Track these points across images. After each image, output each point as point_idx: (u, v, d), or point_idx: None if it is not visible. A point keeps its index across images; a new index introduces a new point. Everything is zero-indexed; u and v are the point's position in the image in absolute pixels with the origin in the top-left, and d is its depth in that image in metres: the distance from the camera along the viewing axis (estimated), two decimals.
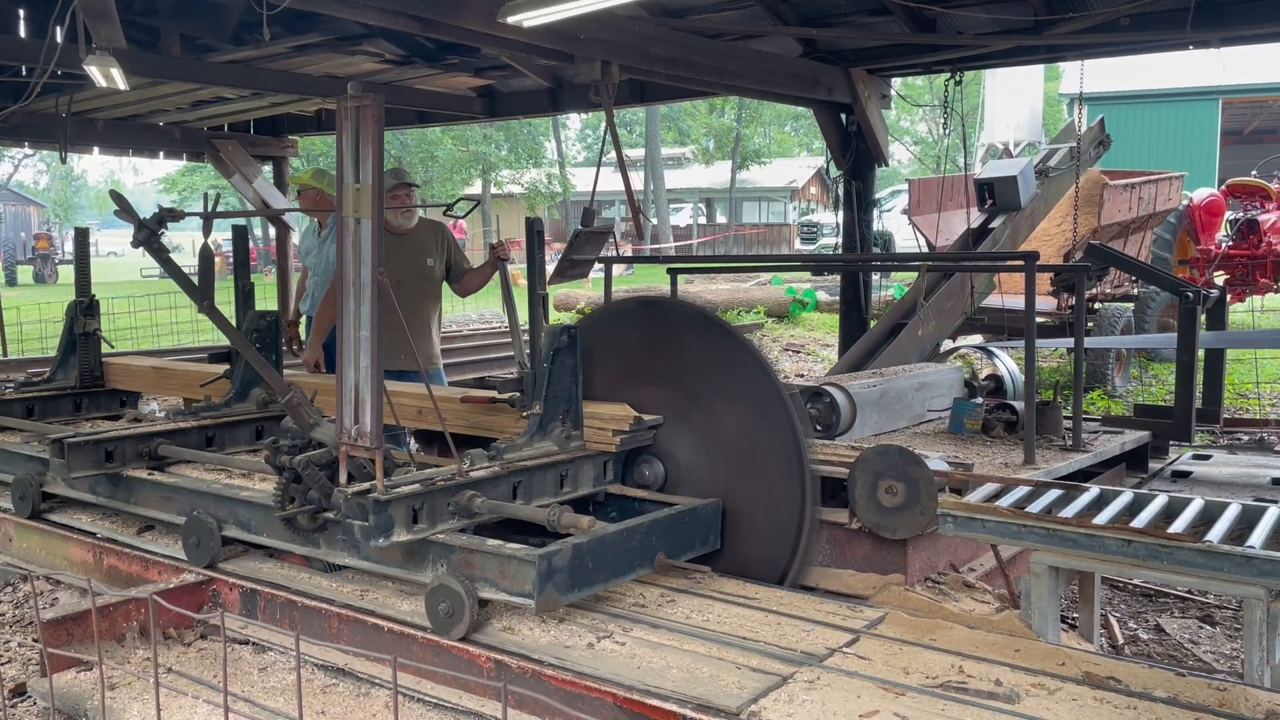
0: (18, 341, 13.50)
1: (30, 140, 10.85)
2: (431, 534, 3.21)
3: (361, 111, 3.11)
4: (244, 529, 3.78)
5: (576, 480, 3.79)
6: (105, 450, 4.17)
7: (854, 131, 8.46)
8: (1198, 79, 24.77)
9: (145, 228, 4.02)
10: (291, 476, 3.44)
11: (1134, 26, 6.50)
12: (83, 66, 5.79)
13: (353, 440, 3.18)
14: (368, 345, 3.18)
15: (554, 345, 3.75)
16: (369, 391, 3.16)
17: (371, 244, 3.13)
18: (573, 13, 4.98)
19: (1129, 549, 3.05)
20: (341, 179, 3.15)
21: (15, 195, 50.54)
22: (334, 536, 3.47)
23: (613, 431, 3.78)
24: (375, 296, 3.15)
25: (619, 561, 3.26)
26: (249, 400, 4.85)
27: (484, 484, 3.41)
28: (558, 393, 3.75)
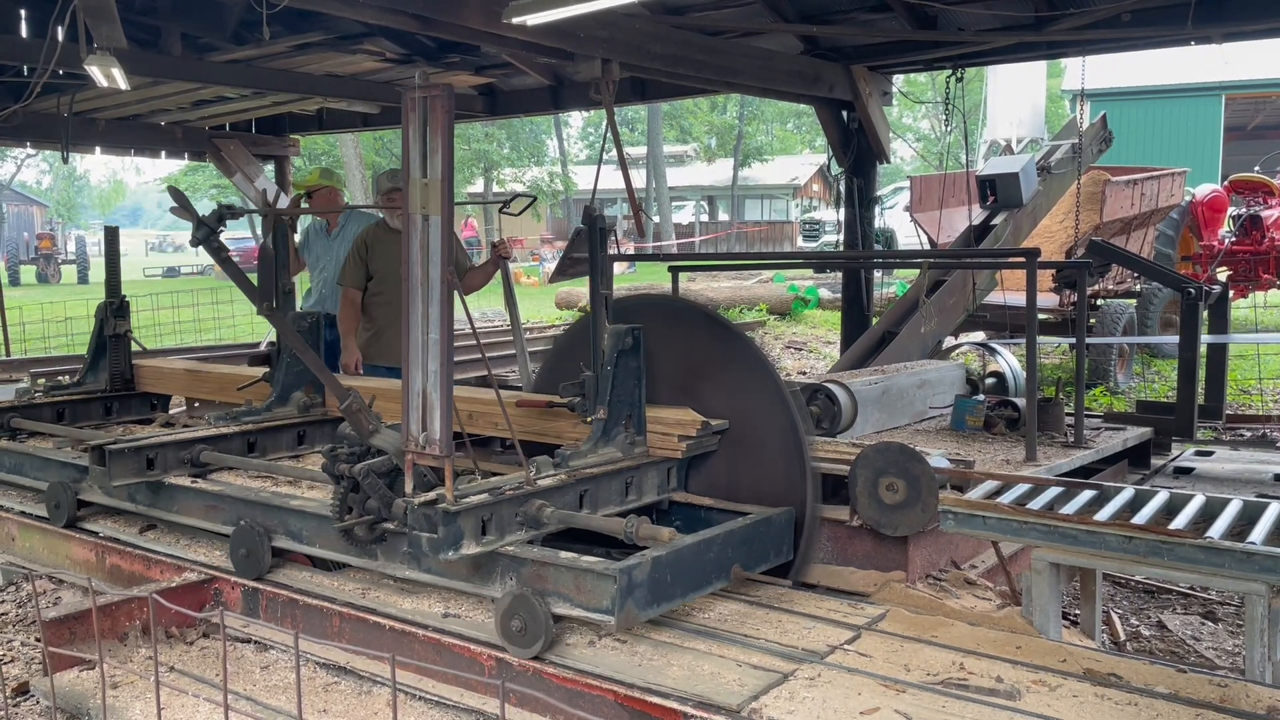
0: (20, 341, 13.52)
1: (32, 140, 10.86)
2: (501, 546, 3.08)
3: (430, 102, 2.96)
4: (295, 539, 3.63)
5: (641, 488, 3.66)
6: (147, 457, 4.04)
7: (855, 129, 8.45)
8: (1200, 75, 24.73)
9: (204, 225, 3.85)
10: (350, 486, 3.30)
11: (1135, 22, 6.49)
12: (84, 66, 5.80)
13: (420, 448, 3.04)
14: (437, 349, 3.01)
15: (617, 347, 3.62)
16: (438, 397, 3.00)
17: (441, 242, 2.98)
18: (575, 12, 4.98)
19: (1130, 545, 3.05)
20: (407, 174, 3.01)
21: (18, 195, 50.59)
22: (393, 548, 3.35)
23: (678, 437, 3.65)
24: (446, 297, 2.99)
25: (696, 574, 3.14)
26: (290, 404, 4.70)
27: (551, 493, 3.27)
28: (621, 397, 3.62)
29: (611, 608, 2.83)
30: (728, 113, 44.23)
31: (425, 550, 2.97)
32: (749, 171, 45.07)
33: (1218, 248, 13.28)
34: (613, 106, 6.43)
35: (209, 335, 15.44)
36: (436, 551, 2.96)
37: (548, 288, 22.27)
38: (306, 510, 3.61)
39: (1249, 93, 26.12)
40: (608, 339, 3.64)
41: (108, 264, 5.58)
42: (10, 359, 11.42)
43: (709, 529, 3.29)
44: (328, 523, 3.45)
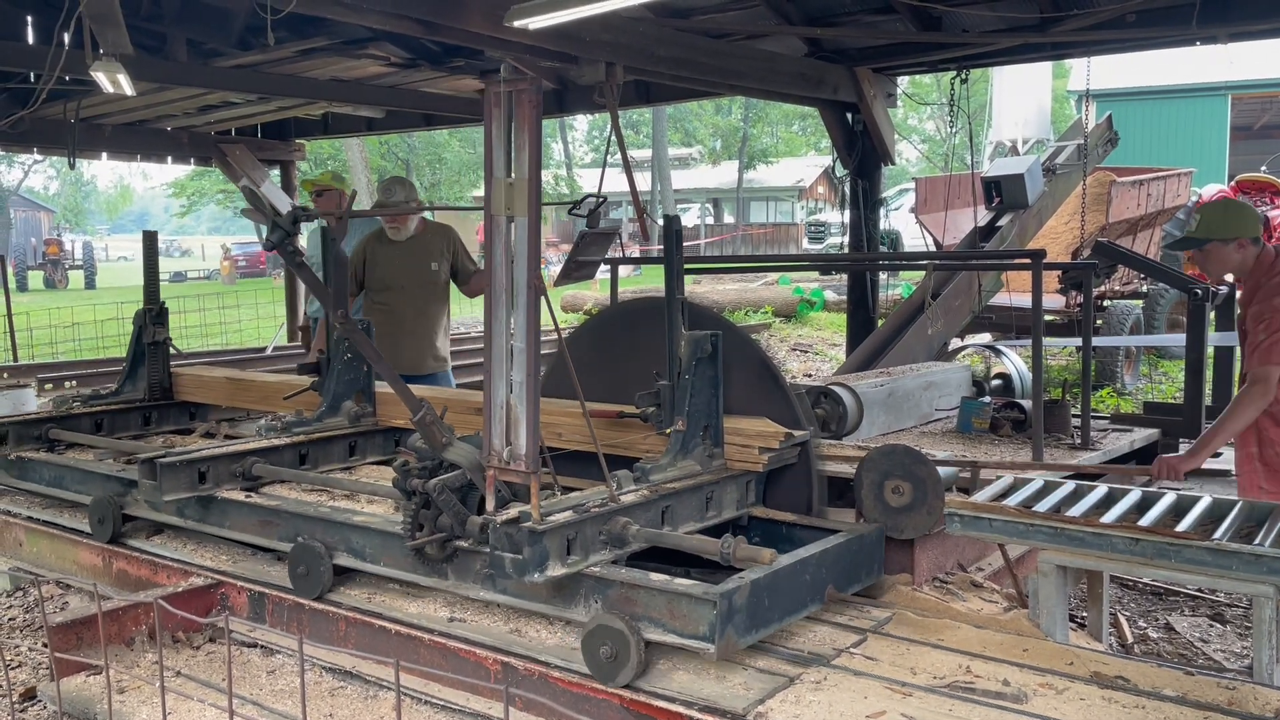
0: (28, 347, 13.55)
1: (39, 146, 10.89)
2: (586, 567, 2.93)
3: (516, 97, 2.81)
4: (357, 556, 3.47)
5: (720, 503, 3.50)
6: (199, 471, 3.90)
7: (860, 131, 8.44)
8: (1206, 75, 24.65)
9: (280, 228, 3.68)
10: (421, 502, 3.14)
11: (1140, 22, 6.48)
12: (89, 72, 5.82)
13: (503, 463, 2.90)
14: (522, 358, 2.86)
15: (695, 354, 3.46)
16: (524, 409, 2.85)
17: (528, 245, 2.84)
18: (578, 15, 4.98)
19: (1137, 547, 3.04)
20: (489, 173, 2.87)
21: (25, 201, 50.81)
22: (465, 567, 3.21)
23: (759, 449, 3.52)
24: (532, 303, 2.84)
25: (792, 597, 3.01)
26: (341, 414, 4.54)
27: (634, 510, 3.12)
28: (699, 407, 3.46)
29: (710, 634, 2.69)
30: (732, 115, 44.25)
31: (509, 571, 2.81)
32: (754, 174, 45.07)
33: None
34: (617, 110, 6.44)
35: (215, 340, 15.47)
36: (521, 573, 2.80)
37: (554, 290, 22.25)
38: (370, 526, 3.45)
39: (1255, 92, 26.03)
40: (685, 346, 3.47)
41: (146, 269, 5.43)
42: (18, 364, 11.46)
43: (803, 549, 3.14)
44: (392, 540, 3.32)
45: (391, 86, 9.15)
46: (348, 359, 4.52)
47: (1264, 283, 4.12)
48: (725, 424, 3.55)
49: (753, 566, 2.90)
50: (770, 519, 3.62)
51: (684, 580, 2.84)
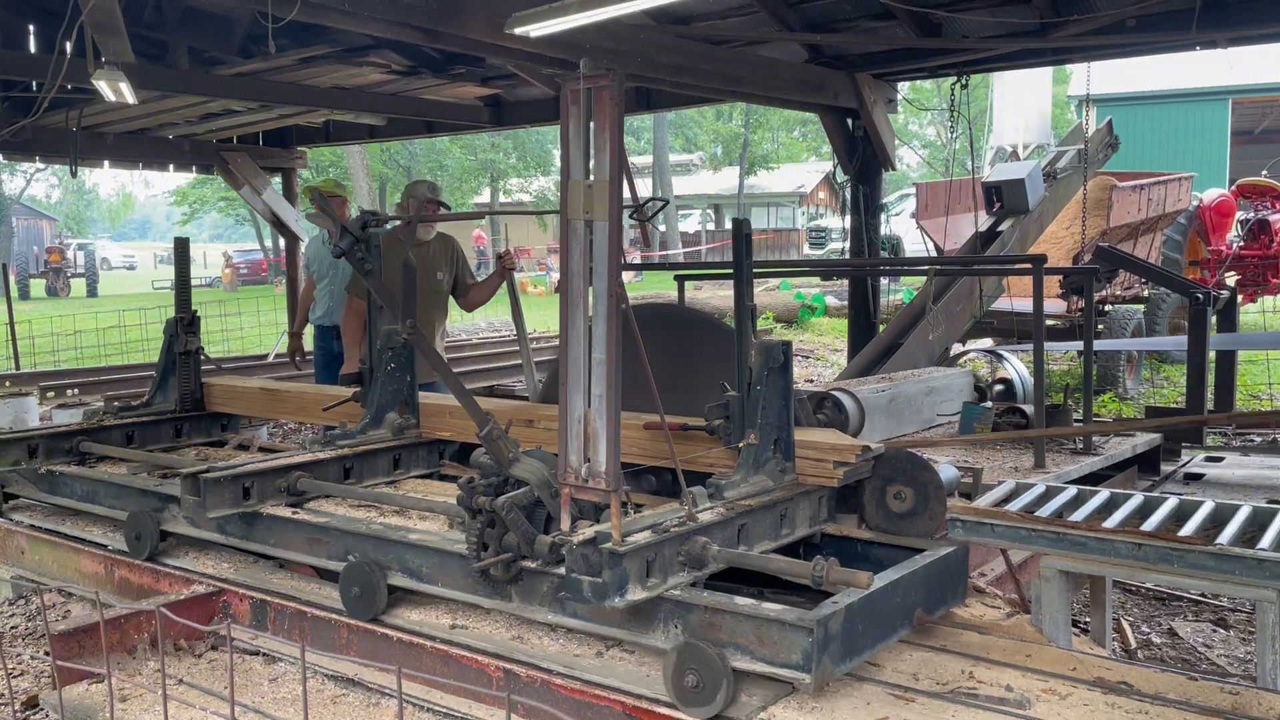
0: (30, 355, 13.57)
1: (41, 155, 10.93)
2: (666, 590, 2.77)
3: (596, 94, 2.65)
4: (413, 576, 3.32)
5: (794, 521, 3.35)
6: (243, 486, 3.76)
7: (860, 136, 8.45)
8: (1207, 79, 24.68)
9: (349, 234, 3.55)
10: (487, 520, 3.00)
11: (1140, 28, 6.48)
12: (92, 81, 5.83)
13: (580, 480, 2.75)
14: (603, 370, 2.69)
15: (767, 364, 3.29)
16: (603, 424, 2.70)
17: (608, 251, 2.67)
18: (579, 22, 4.99)
19: (1140, 552, 3.03)
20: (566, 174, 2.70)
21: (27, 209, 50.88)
22: (531, 589, 3.05)
23: (834, 463, 3.37)
24: (612, 313, 2.66)
25: (885, 623, 2.85)
26: (384, 426, 4.39)
27: (711, 529, 2.96)
28: (770, 419, 3.29)
29: (805, 664, 2.53)
30: (733, 121, 44.26)
31: (587, 596, 2.66)
32: (755, 180, 45.09)
33: (1225, 252, 13.25)
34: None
35: (217, 347, 15.48)
36: (601, 598, 2.64)
37: (554, 297, 22.29)
38: (428, 545, 3.29)
39: (1255, 97, 26.06)
40: (756, 355, 3.30)
41: (178, 277, 5.32)
42: (19, 372, 11.47)
43: (892, 571, 2.98)
44: (451, 559, 3.19)
45: (393, 94, 9.16)
46: (391, 369, 4.39)
47: None
48: (795, 436, 3.41)
49: (845, 590, 2.72)
50: (844, 536, 3.48)
51: (773, 605, 2.70)
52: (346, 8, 4.94)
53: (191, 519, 3.84)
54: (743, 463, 3.27)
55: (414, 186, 6.18)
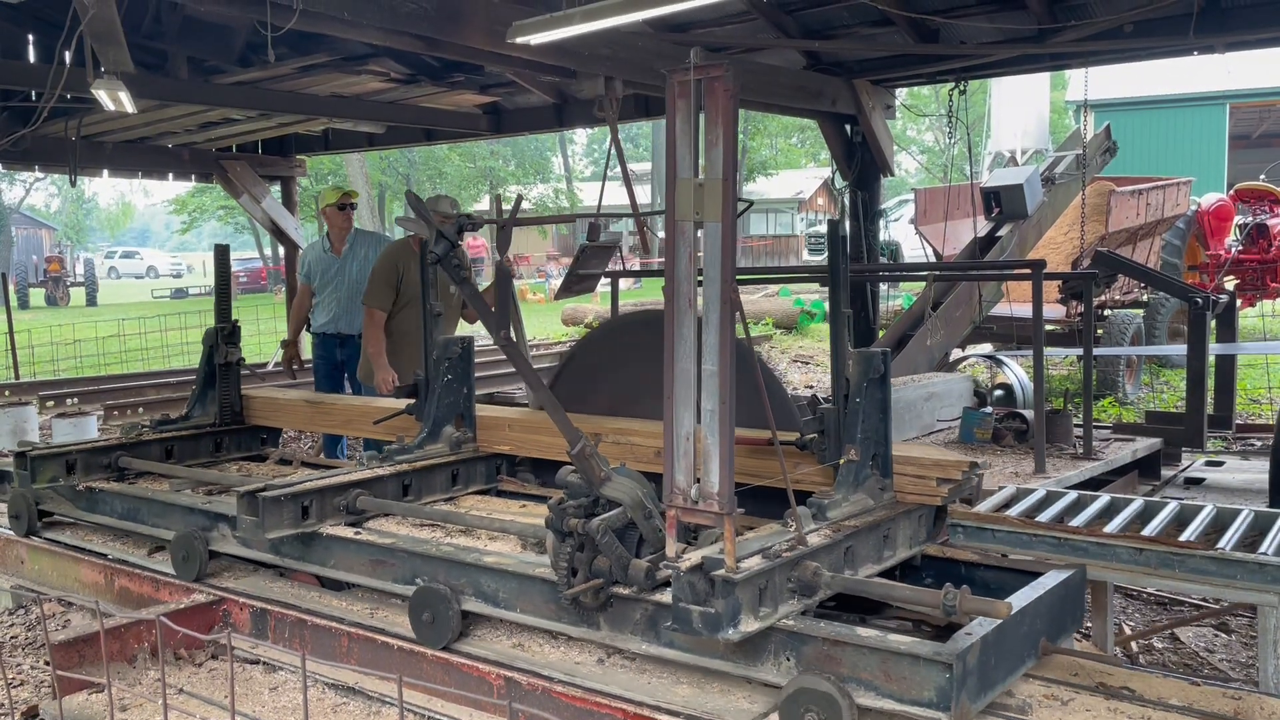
0: (29, 364, 13.57)
1: (40, 164, 10.92)
2: (779, 620, 2.59)
3: (708, 85, 2.48)
4: (489, 601, 3.15)
5: (895, 542, 3.17)
6: (302, 505, 3.58)
7: (859, 142, 8.47)
8: (1204, 84, 24.74)
9: (444, 239, 3.37)
10: (577, 544, 2.83)
11: (1137, 33, 6.50)
12: (91, 90, 5.84)
13: (689, 502, 2.56)
14: (714, 383, 2.50)
15: (867, 375, 3.12)
16: (716, 441, 2.50)
17: (721, 254, 2.48)
18: (577, 31, 5.00)
19: (1141, 557, 3.03)
20: (672, 172, 2.53)
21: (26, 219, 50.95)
22: (622, 616, 2.88)
23: (937, 480, 3.21)
24: (726, 321, 2.48)
25: (1015, 654, 2.66)
26: (441, 440, 4.22)
27: (819, 553, 2.79)
28: (868, 434, 3.12)
29: (941, 702, 2.36)
30: None
31: (697, 627, 2.48)
32: (753, 186, 45.14)
33: (1224, 257, 13.26)
34: (616, 123, 6.46)
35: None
36: (714, 629, 2.46)
37: (554, 304, 22.30)
38: (505, 569, 3.13)
39: (1253, 101, 26.12)
40: (854, 365, 3.14)
41: (218, 284, 5.19)
42: (19, 381, 11.47)
43: (1018, 597, 2.76)
44: (531, 583, 3.04)
45: (392, 102, 9.18)
46: (448, 380, 4.24)
47: None
48: (894, 452, 3.25)
49: (974, 620, 2.53)
50: (947, 558, 3.29)
51: (901, 637, 2.53)
52: (345, 16, 4.95)
53: (246, 539, 3.68)
54: (842, 480, 3.08)
55: (435, 201, 6.20)
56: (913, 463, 3.26)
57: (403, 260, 5.95)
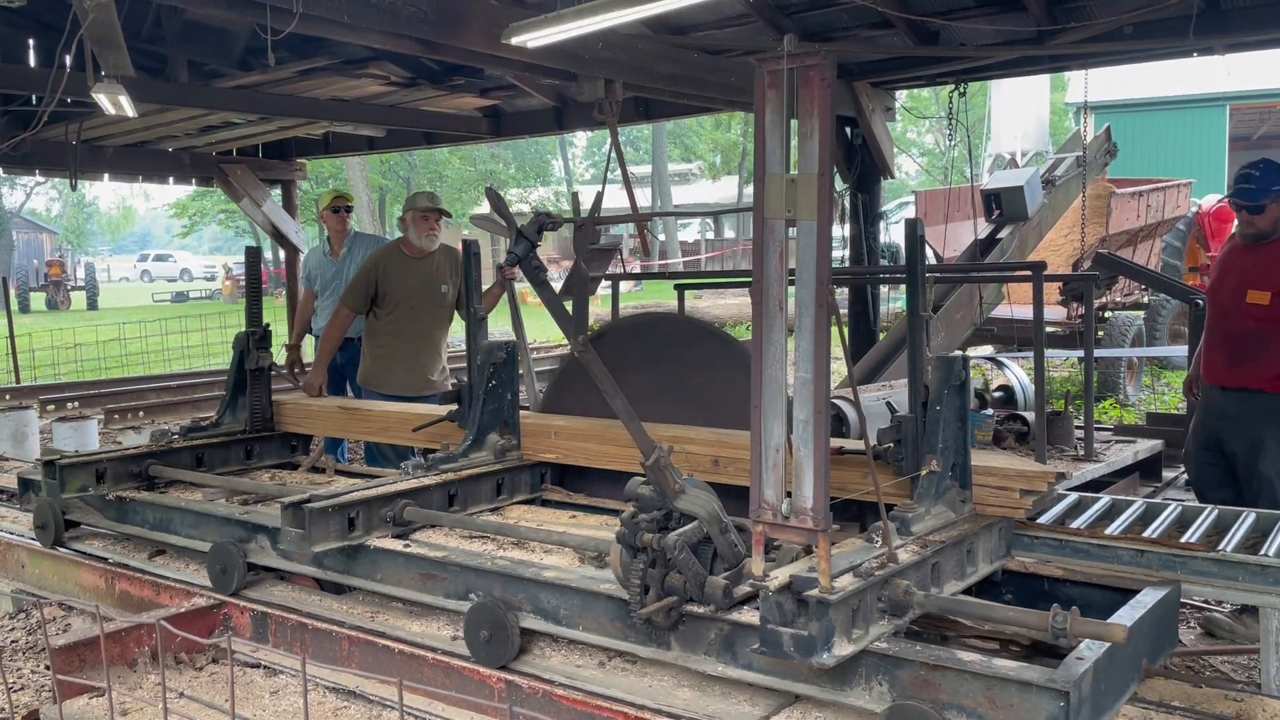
0: (30, 368, 13.58)
1: (41, 168, 10.94)
2: (873, 643, 2.46)
3: (802, 74, 2.33)
4: (549, 619, 3.02)
5: (976, 557, 3.01)
6: (348, 517, 3.46)
7: (859, 145, 8.47)
8: (1204, 85, 24.73)
9: (524, 239, 3.21)
10: (649, 560, 2.69)
11: (1137, 35, 6.50)
12: (91, 94, 5.84)
13: (779, 518, 2.43)
14: (809, 392, 2.37)
15: (947, 381, 2.99)
16: (810, 454, 2.38)
17: (817, 255, 2.34)
18: (575, 33, 5.00)
19: (1142, 559, 3.02)
20: (761, 167, 2.39)
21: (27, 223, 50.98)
22: (695, 635, 2.74)
23: (1020, 492, 3.08)
24: (821, 325, 2.34)
25: (1122, 678, 2.53)
26: (485, 448, 4.13)
27: (908, 571, 2.65)
28: (948, 444, 3.00)
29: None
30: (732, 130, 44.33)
31: (789, 650, 2.35)
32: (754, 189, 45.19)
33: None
34: (616, 126, 6.46)
35: (217, 359, 15.49)
36: (807, 653, 2.33)
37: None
38: (568, 584, 3.00)
39: (1253, 103, 26.12)
40: (933, 370, 3.01)
41: (249, 288, 5.08)
42: (20, 385, 11.48)
43: (1122, 617, 2.61)
44: (596, 600, 2.92)
45: (392, 105, 9.18)
46: (492, 386, 4.15)
47: None
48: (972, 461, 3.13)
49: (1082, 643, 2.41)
50: (1029, 573, 3.17)
51: (1008, 662, 2.39)
52: (345, 20, 4.94)
53: (290, 552, 3.57)
54: (923, 492, 2.95)
55: (415, 198, 6.19)
56: (994, 473, 3.13)
57: (384, 262, 5.97)
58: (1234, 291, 4.48)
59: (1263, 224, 4.45)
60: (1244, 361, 4.42)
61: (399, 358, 5.97)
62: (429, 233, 5.96)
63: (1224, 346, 4.52)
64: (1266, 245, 4.49)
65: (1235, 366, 4.46)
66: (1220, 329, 4.56)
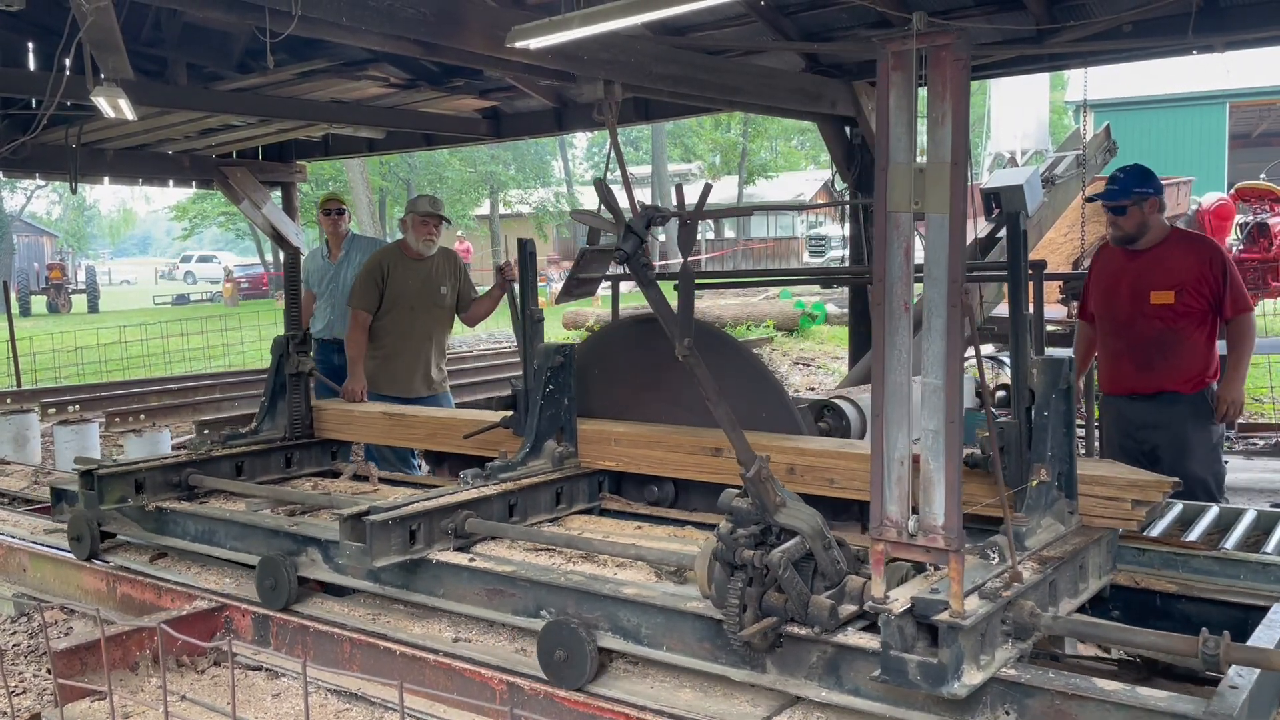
0: (31, 371, 13.59)
1: (41, 172, 10.96)
2: (1000, 670, 2.30)
3: (933, 55, 2.18)
4: (630, 639, 2.86)
5: (1087, 572, 2.85)
6: (409, 529, 3.32)
7: (859, 144, 8.47)
8: (1204, 83, 24.76)
9: (634, 234, 3.01)
10: (747, 578, 2.53)
11: (1136, 33, 6.50)
12: (90, 98, 5.85)
13: (905, 535, 2.28)
14: (940, 399, 2.21)
15: (1054, 385, 2.84)
16: (940, 467, 2.22)
17: (949, 252, 2.17)
18: (576, 36, 5.00)
19: (1144, 558, 3.03)
20: (886, 156, 2.23)
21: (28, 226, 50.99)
22: (795, 658, 2.57)
23: (1133, 502, 2.89)
24: (954, 328, 2.19)
25: (1265, 708, 2.37)
26: (543, 455, 3.99)
27: (1029, 590, 2.49)
28: (1055, 451, 2.84)
29: None
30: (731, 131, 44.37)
31: (915, 679, 2.20)
32: (754, 189, 45.16)
33: None
34: (616, 127, 6.46)
35: (219, 362, 15.51)
36: (937, 682, 2.18)
37: (555, 308, 22.30)
38: (650, 602, 2.84)
39: (1253, 100, 26.14)
40: (1039, 373, 2.86)
41: (288, 291, 4.99)
42: (21, 389, 11.48)
43: (1259, 638, 2.48)
44: (682, 620, 2.76)
45: (391, 107, 9.18)
46: (549, 391, 4.02)
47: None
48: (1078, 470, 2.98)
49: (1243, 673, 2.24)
50: (1139, 588, 3.01)
51: (1154, 691, 2.23)
52: (344, 22, 4.95)
53: (348, 566, 3.46)
54: (1033, 504, 2.78)
55: (415, 201, 6.20)
56: (1103, 482, 2.96)
57: (388, 262, 5.97)
58: (1132, 297, 4.49)
59: (1127, 226, 4.48)
60: (1157, 364, 4.42)
61: (401, 360, 5.98)
62: (427, 238, 5.97)
63: (1131, 354, 4.52)
64: (1154, 249, 4.50)
65: (1148, 371, 4.45)
66: (1123, 337, 4.55)
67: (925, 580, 2.40)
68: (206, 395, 11.37)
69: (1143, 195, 4.50)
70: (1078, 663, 2.78)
